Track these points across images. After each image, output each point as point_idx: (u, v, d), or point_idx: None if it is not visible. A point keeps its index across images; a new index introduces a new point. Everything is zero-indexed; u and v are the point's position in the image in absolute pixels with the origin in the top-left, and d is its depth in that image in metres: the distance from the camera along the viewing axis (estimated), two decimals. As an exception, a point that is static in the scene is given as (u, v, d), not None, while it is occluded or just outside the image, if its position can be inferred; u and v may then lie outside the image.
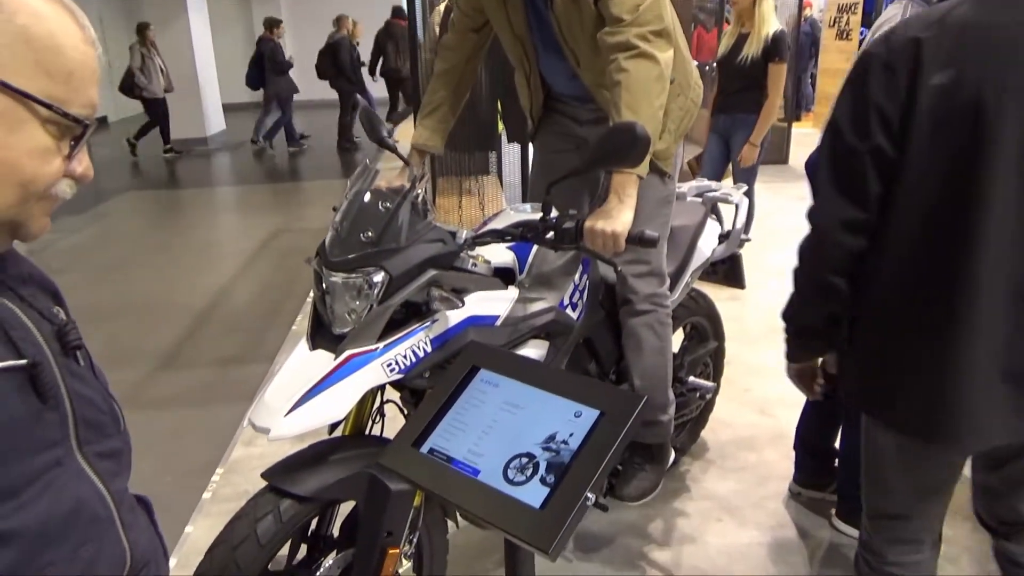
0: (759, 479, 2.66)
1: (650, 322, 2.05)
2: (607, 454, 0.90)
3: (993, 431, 1.28)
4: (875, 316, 1.38)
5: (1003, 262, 1.21)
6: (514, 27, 1.94)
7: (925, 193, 1.24)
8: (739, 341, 3.75)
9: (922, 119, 1.20)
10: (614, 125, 1.51)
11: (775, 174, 7.70)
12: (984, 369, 1.25)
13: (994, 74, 1.14)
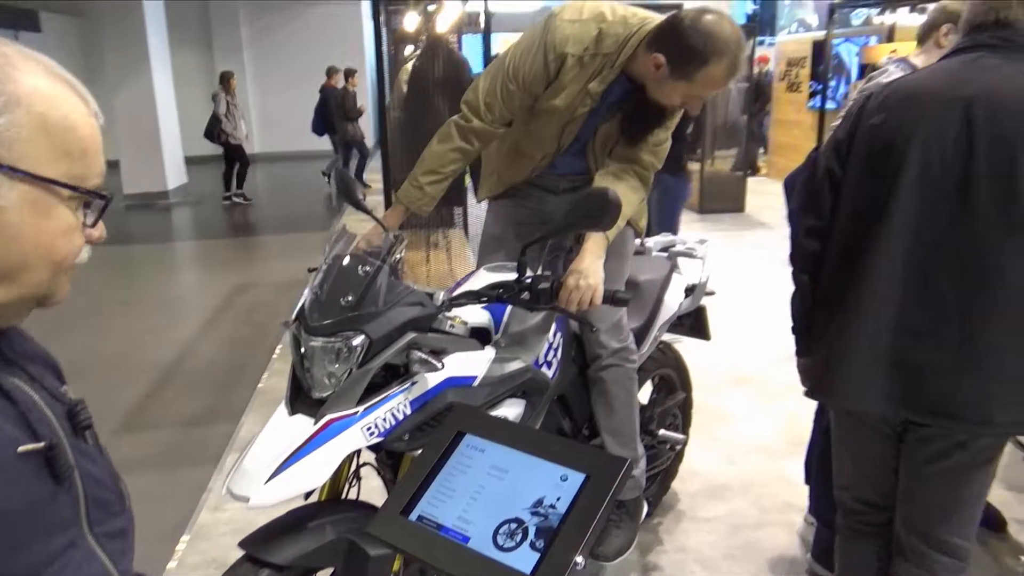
0: (730, 529, 2.69)
1: (618, 378, 2.09)
2: (594, 517, 0.93)
3: (868, 399, 1.58)
4: (818, 304, 1.71)
5: (896, 264, 1.51)
6: (564, 134, 2.00)
7: (853, 204, 1.60)
8: (705, 391, 3.81)
9: (859, 148, 1.58)
10: (588, 192, 1.58)
11: (733, 223, 7.92)
12: (869, 347, 1.55)
13: (907, 122, 1.50)
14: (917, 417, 1.56)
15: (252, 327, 5.22)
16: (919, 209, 1.48)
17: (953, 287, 1.47)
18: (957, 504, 1.64)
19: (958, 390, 1.49)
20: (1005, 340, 1.46)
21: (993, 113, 1.41)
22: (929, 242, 1.48)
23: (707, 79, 1.74)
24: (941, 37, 2.23)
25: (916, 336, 1.52)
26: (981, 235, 1.44)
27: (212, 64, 14.99)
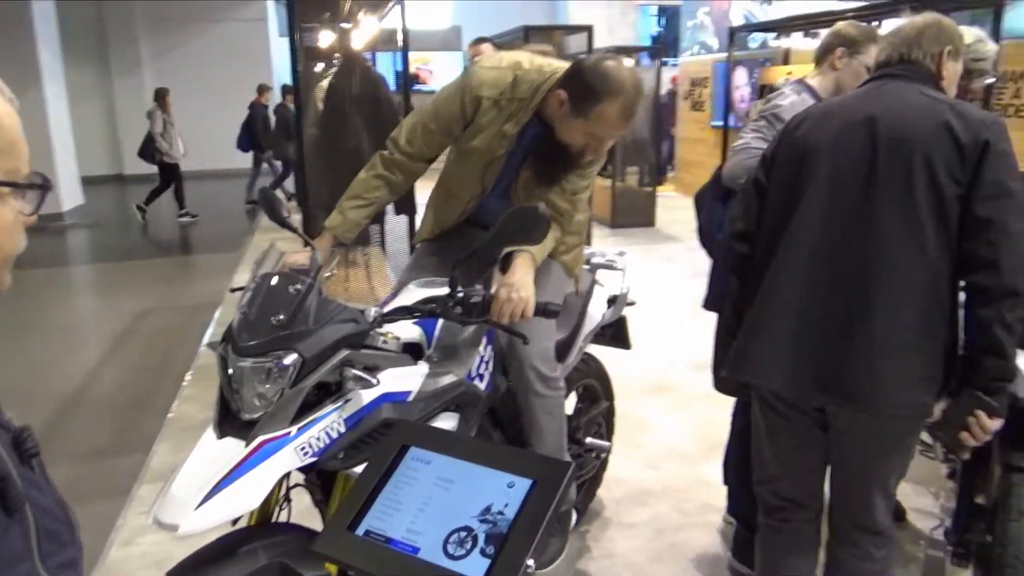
0: (654, 533, 2.77)
1: (548, 407, 2.11)
2: (543, 521, 0.95)
3: (774, 379, 1.74)
4: (746, 301, 1.83)
5: (808, 256, 1.68)
6: (487, 176, 2.08)
7: (772, 206, 1.78)
8: (625, 399, 3.91)
9: (781, 159, 1.78)
10: (518, 207, 1.62)
11: (644, 236, 8.17)
12: (779, 331, 1.71)
13: (822, 133, 1.71)
14: (826, 399, 1.68)
15: (159, 353, 5.01)
16: (829, 206, 1.66)
17: (857, 277, 1.63)
18: (877, 486, 1.77)
19: (860, 373, 1.62)
20: (900, 328, 1.60)
21: (892, 124, 1.62)
22: (837, 235, 1.65)
23: (601, 117, 1.85)
24: (836, 60, 2.35)
25: (824, 323, 1.66)
26: (882, 230, 1.60)
27: (109, 80, 14.36)
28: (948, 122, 1.58)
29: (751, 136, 2.31)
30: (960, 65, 1.81)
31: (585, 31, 6.10)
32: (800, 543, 1.95)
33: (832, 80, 2.34)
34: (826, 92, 2.34)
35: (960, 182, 1.57)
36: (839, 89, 2.31)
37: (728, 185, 2.36)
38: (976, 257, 1.56)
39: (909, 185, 1.59)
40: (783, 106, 2.27)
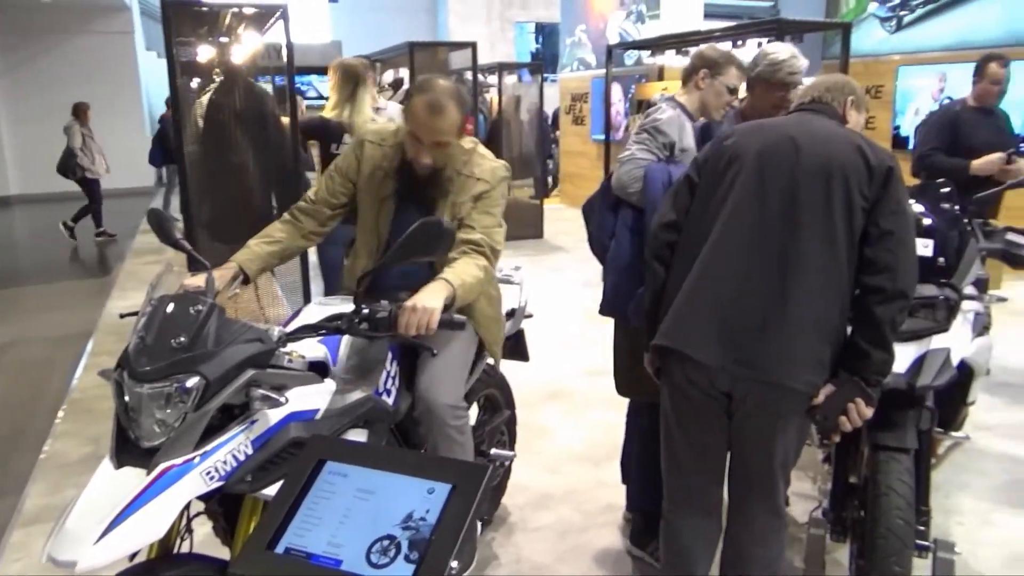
0: (559, 535, 2.84)
1: (452, 436, 2.09)
2: (464, 523, 0.99)
3: (700, 350, 1.86)
4: (671, 283, 1.99)
5: (733, 244, 1.86)
6: (380, 221, 2.16)
7: (702, 198, 1.97)
8: (524, 407, 3.98)
9: (712, 161, 1.99)
10: (423, 221, 1.65)
11: (533, 248, 8.34)
12: (707, 309, 1.86)
13: (751, 140, 1.94)
14: (742, 371, 1.82)
15: (28, 388, 4.65)
16: (758, 207, 1.86)
17: (779, 269, 1.81)
18: (778, 466, 1.91)
19: (773, 350, 1.79)
20: (810, 316, 1.80)
21: (814, 143, 1.88)
22: (764, 232, 1.84)
23: (412, 114, 2.02)
24: (700, 80, 2.53)
25: (746, 305, 1.83)
26: (803, 231, 1.81)
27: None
28: (861, 147, 1.86)
29: (636, 148, 2.45)
30: (862, 118, 2.13)
31: (469, 47, 6.20)
32: (705, 532, 2.08)
33: (697, 99, 2.54)
34: (693, 109, 2.54)
35: (867, 198, 1.82)
36: (704, 106, 2.54)
37: (618, 195, 2.48)
38: (877, 262, 1.79)
39: (827, 196, 1.81)
40: (662, 119, 2.43)
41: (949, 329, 2.12)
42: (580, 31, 10.70)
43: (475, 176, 2.15)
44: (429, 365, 2.06)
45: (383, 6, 15.79)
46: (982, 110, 4.09)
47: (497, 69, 8.51)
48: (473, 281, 1.98)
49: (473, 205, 2.14)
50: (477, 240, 2.09)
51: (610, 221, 2.54)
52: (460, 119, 2.03)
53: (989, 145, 3.88)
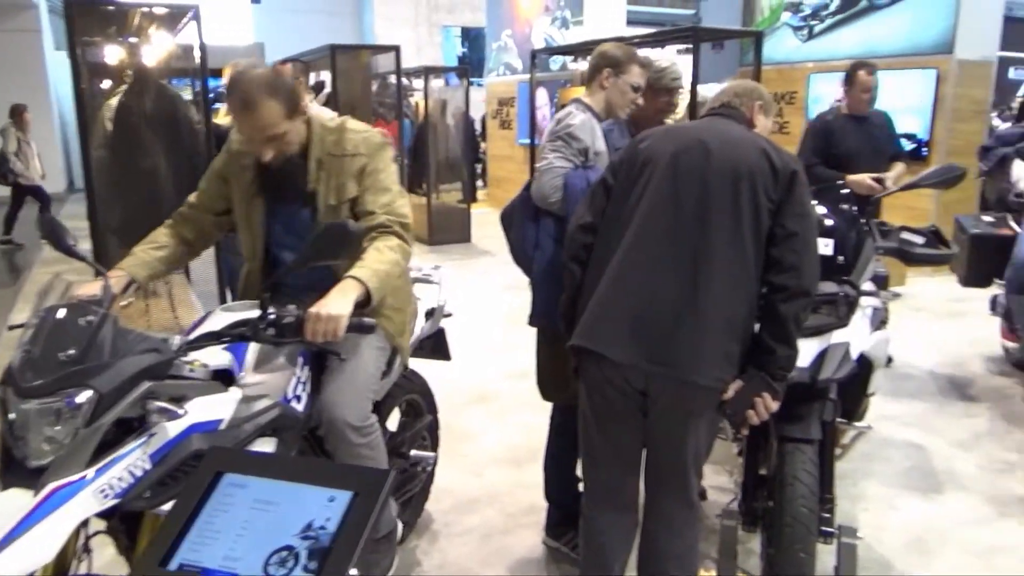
0: (482, 538, 2.84)
1: (360, 452, 2.04)
2: (364, 530, 0.98)
3: (615, 350, 1.90)
4: (587, 284, 2.02)
5: (647, 242, 1.90)
6: (253, 223, 2.11)
7: (617, 200, 2.02)
8: (449, 411, 3.97)
9: (627, 164, 2.03)
10: (328, 224, 1.62)
11: (461, 252, 8.33)
12: (622, 310, 1.90)
13: (664, 143, 1.99)
14: (655, 368, 1.86)
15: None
16: (672, 209, 1.91)
17: (690, 269, 1.86)
18: (691, 460, 1.97)
19: (685, 348, 1.84)
20: (720, 314, 1.85)
21: (723, 147, 1.94)
22: (677, 233, 1.89)
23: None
24: (604, 80, 2.50)
25: (660, 304, 1.87)
26: (713, 232, 1.86)
27: None
28: (766, 151, 1.93)
29: (553, 156, 2.43)
30: (769, 122, 2.20)
31: (393, 51, 6.14)
32: (622, 527, 2.11)
33: (603, 99, 2.52)
34: (599, 109, 2.53)
35: (773, 200, 1.89)
36: (609, 106, 2.52)
37: (539, 205, 2.46)
38: (782, 262, 1.86)
39: (736, 198, 1.87)
40: (575, 124, 2.43)
41: (849, 324, 2.22)
42: (506, 36, 10.76)
43: (349, 153, 2.06)
44: (334, 377, 2.00)
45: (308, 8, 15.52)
46: (854, 117, 4.19)
47: (423, 73, 8.47)
48: (389, 267, 1.92)
49: (361, 185, 2.05)
50: (382, 222, 2.01)
51: (532, 232, 2.52)
52: (281, 107, 1.90)
53: (858, 152, 4.04)
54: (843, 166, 3.96)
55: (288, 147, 1.99)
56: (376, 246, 1.93)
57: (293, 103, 1.95)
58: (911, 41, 6.98)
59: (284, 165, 2.02)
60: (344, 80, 5.96)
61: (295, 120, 1.98)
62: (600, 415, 2.03)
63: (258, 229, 2.12)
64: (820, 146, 4.10)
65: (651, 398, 1.93)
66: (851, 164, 3.95)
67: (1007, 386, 4.36)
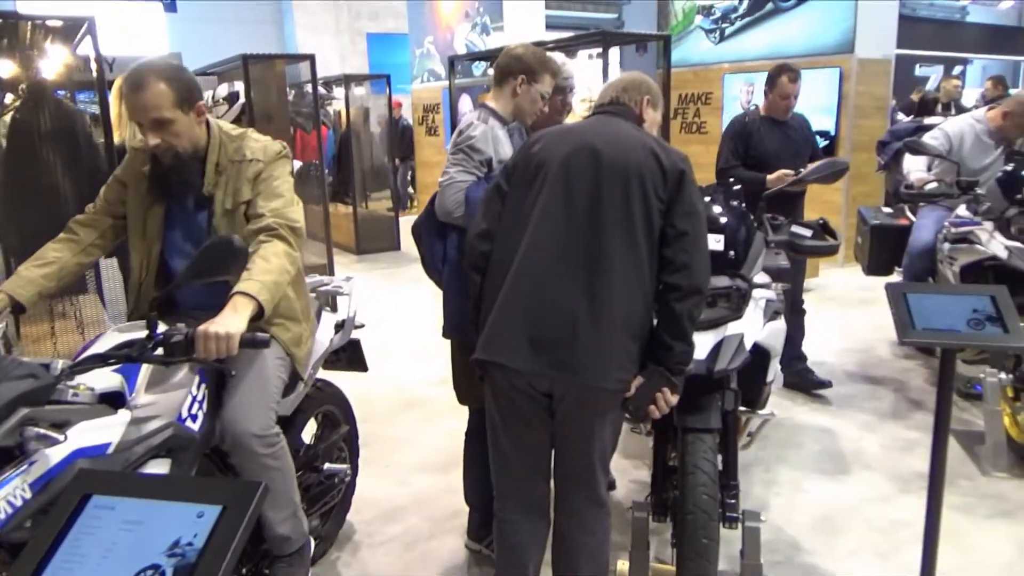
0: (406, 546, 2.84)
1: (266, 463, 2.03)
2: (232, 543, 0.97)
3: (516, 358, 1.92)
4: (486, 294, 2.04)
5: (542, 249, 1.92)
6: (148, 230, 2.11)
7: (512, 205, 2.02)
8: (376, 420, 3.97)
9: (520, 168, 2.04)
10: (212, 240, 1.61)
11: (390, 261, 8.28)
12: (520, 318, 1.91)
13: (556, 147, 2.01)
14: (558, 374, 1.89)
15: None
16: (565, 213, 1.94)
17: (586, 274, 1.89)
18: (598, 458, 2.01)
19: (586, 352, 1.87)
20: (618, 316, 1.89)
21: (613, 149, 1.96)
22: (571, 238, 1.91)
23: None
24: (517, 86, 2.48)
25: (558, 310, 1.89)
26: (607, 235, 1.89)
27: None
28: (655, 151, 1.96)
29: (454, 170, 2.42)
30: (659, 115, 2.23)
31: (307, 60, 6.07)
32: (535, 528, 2.14)
33: (513, 104, 2.51)
34: (507, 114, 2.53)
35: (662, 200, 1.93)
36: (518, 112, 2.53)
37: (443, 220, 2.46)
38: (674, 261, 1.91)
39: (627, 199, 1.91)
40: (476, 136, 2.41)
41: (742, 316, 2.31)
42: (428, 43, 10.75)
43: (247, 159, 2.10)
44: (234, 392, 1.99)
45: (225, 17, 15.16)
46: (773, 120, 4.07)
47: (343, 81, 8.39)
48: (277, 276, 1.91)
49: (255, 189, 2.08)
50: (269, 224, 2.01)
51: (439, 246, 2.52)
52: (172, 93, 1.93)
53: (777, 154, 3.93)
54: (762, 168, 3.87)
55: (177, 140, 2.00)
56: (261, 254, 1.93)
57: (187, 96, 1.99)
58: (815, 41, 7.28)
59: (181, 168, 2.04)
60: (259, 90, 5.87)
61: (188, 114, 2.01)
62: (507, 419, 2.06)
63: (154, 236, 2.10)
64: (739, 148, 4.01)
65: (557, 399, 1.97)
66: (770, 166, 3.86)
67: (910, 368, 4.59)
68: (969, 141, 3.98)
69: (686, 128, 8.66)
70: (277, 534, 2.11)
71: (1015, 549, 2.76)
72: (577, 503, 2.06)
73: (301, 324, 2.26)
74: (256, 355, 2.04)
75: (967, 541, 2.82)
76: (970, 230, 3.67)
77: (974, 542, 2.81)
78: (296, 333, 2.23)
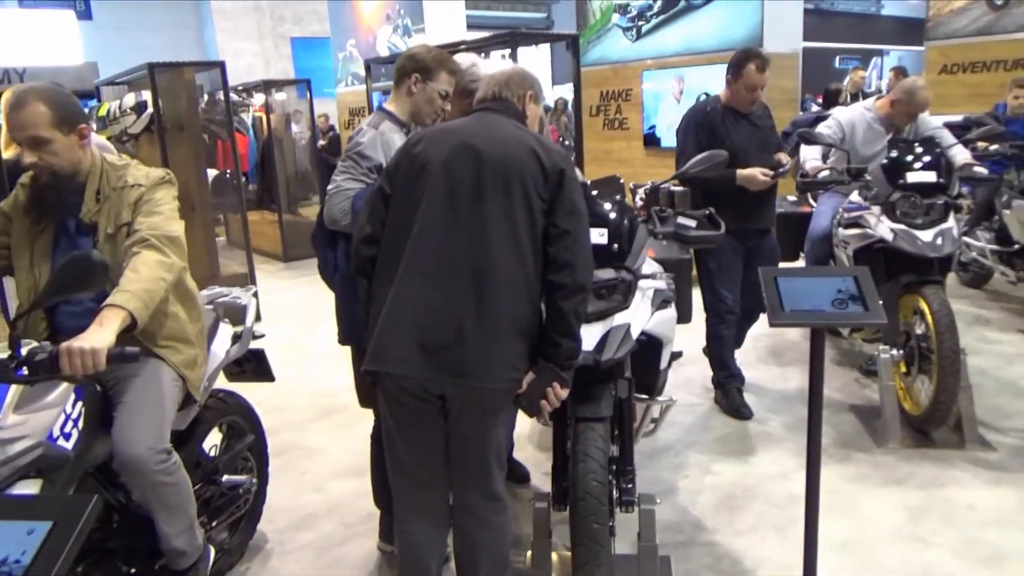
0: (318, 552, 2.84)
1: (159, 480, 2.00)
2: (59, 559, 0.98)
3: (404, 366, 1.92)
4: (373, 299, 2.02)
5: (426, 254, 1.92)
6: (36, 260, 2.08)
7: (396, 209, 2.01)
8: (293, 429, 3.94)
9: (403, 170, 2.02)
10: (70, 256, 1.60)
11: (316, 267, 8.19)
12: (408, 325, 1.91)
13: (437, 150, 1.98)
14: (449, 379, 1.91)
15: None
16: (449, 216, 1.93)
17: (472, 275, 1.90)
18: (492, 455, 2.05)
19: (476, 355, 1.89)
20: (506, 317, 1.91)
21: (494, 150, 1.96)
22: (455, 240, 1.92)
23: None
24: (412, 86, 2.47)
25: (446, 315, 1.90)
26: (491, 236, 1.90)
27: None
28: (535, 150, 1.97)
29: (342, 178, 2.40)
30: (540, 109, 2.23)
31: (218, 66, 5.96)
32: (433, 528, 2.17)
33: (409, 104, 2.50)
34: (405, 115, 2.51)
35: (544, 199, 1.95)
36: (416, 111, 2.51)
37: (331, 228, 2.45)
38: (558, 260, 1.93)
39: (509, 200, 1.92)
40: (364, 143, 2.40)
41: (629, 307, 2.38)
42: (351, 46, 10.67)
43: (129, 184, 2.13)
44: (124, 410, 1.98)
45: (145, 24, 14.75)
46: (735, 110, 3.68)
47: (262, 87, 8.26)
48: (149, 284, 1.91)
49: (135, 212, 2.10)
50: (141, 236, 2.03)
51: (331, 255, 2.53)
52: (51, 114, 1.97)
53: (745, 147, 3.59)
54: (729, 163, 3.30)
55: (55, 159, 2.02)
56: (131, 266, 1.93)
57: (66, 117, 2.02)
58: (726, 37, 7.48)
59: (57, 186, 2.04)
60: (169, 99, 5.73)
61: (68, 136, 2.03)
62: (400, 421, 2.07)
63: (41, 265, 2.08)
64: (702, 141, 3.54)
65: (449, 402, 1.99)
66: (737, 161, 3.46)
67: (818, 349, 4.77)
68: (861, 129, 4.15)
69: (608, 125, 8.80)
70: (173, 548, 2.09)
71: (904, 515, 2.91)
72: (474, 500, 2.09)
73: (194, 347, 2.26)
74: (150, 374, 2.06)
75: (859, 510, 2.96)
76: (860, 215, 3.85)
77: (866, 510, 2.96)
78: (189, 356, 2.23)
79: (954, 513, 2.90)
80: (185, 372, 2.18)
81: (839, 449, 3.46)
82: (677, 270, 2.93)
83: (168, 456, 2.05)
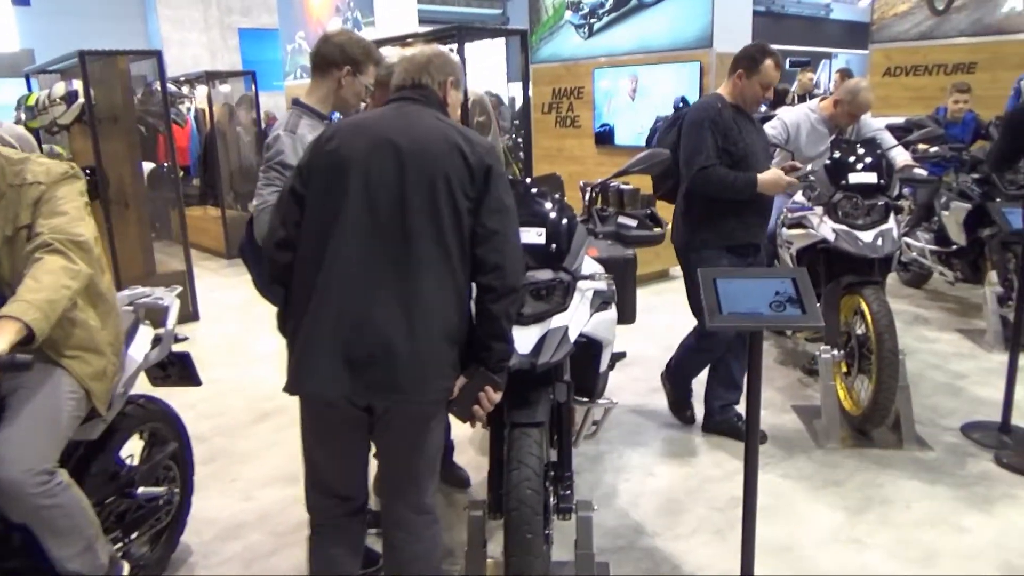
0: (245, 564, 2.72)
1: (41, 503, 1.86)
2: None
3: (328, 386, 1.82)
4: (292, 310, 1.90)
5: (346, 264, 1.79)
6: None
7: (313, 216, 1.85)
8: (226, 434, 3.80)
9: (317, 169, 1.87)
10: None
11: (263, 265, 7.98)
12: (329, 341, 1.79)
13: (355, 148, 1.85)
14: (378, 396, 1.82)
15: None
16: (368, 219, 1.80)
17: (396, 283, 1.79)
18: (423, 467, 1.96)
19: (404, 369, 1.79)
20: (435, 326, 1.81)
21: (415, 145, 1.83)
22: (376, 245, 1.80)
23: None
24: (342, 77, 2.35)
25: (370, 327, 1.78)
26: (415, 240, 1.79)
27: None
28: (459, 145, 1.84)
29: (267, 192, 2.26)
30: (460, 95, 2.11)
31: (154, 55, 5.73)
32: (349, 539, 2.07)
33: (336, 97, 2.39)
34: (327, 107, 2.40)
35: (470, 198, 1.83)
36: (342, 104, 2.41)
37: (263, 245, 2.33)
38: (487, 262, 1.84)
39: (433, 201, 1.80)
40: (284, 151, 2.25)
41: (567, 308, 2.31)
42: (300, 38, 10.45)
43: (28, 182, 1.96)
44: (3, 426, 1.83)
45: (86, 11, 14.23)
46: (740, 110, 3.33)
47: (205, 78, 8.00)
48: (50, 293, 1.78)
49: (36, 212, 1.95)
50: (44, 240, 1.89)
51: (264, 269, 2.41)
52: None
53: (755, 150, 3.33)
54: (738, 168, 3.22)
55: None
56: (32, 274, 1.80)
57: None
58: (676, 36, 7.51)
59: None
60: (102, 90, 5.48)
61: None
62: (322, 433, 1.97)
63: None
64: (719, 144, 3.21)
65: (378, 413, 1.89)
66: (748, 165, 3.24)
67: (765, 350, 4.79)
68: (805, 130, 4.17)
69: (560, 122, 8.78)
70: (69, 572, 1.95)
71: (842, 516, 2.91)
72: (402, 512, 2.00)
73: (105, 357, 2.11)
74: (47, 386, 1.92)
75: (798, 510, 2.95)
76: (803, 215, 3.86)
77: (805, 511, 2.95)
78: (98, 367, 2.08)
79: (891, 513, 2.91)
80: (90, 384, 2.04)
81: (780, 450, 3.46)
82: (621, 270, 2.88)
83: (50, 477, 1.89)
